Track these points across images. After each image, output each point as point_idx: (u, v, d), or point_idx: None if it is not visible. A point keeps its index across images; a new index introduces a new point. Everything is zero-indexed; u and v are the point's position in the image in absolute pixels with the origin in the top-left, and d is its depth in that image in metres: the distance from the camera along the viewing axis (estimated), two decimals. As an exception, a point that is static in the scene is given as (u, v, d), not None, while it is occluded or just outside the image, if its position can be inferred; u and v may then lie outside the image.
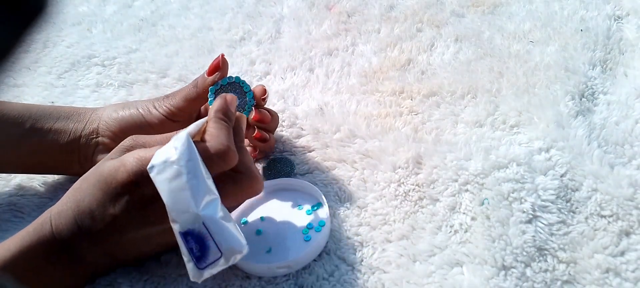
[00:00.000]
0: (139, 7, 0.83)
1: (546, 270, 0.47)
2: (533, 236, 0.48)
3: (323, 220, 0.50)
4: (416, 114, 0.61)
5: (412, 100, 0.63)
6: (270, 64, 0.71)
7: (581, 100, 0.61)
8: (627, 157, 0.55)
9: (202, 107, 0.56)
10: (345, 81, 0.67)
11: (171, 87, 0.68)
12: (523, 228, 0.49)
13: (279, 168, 0.56)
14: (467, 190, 0.53)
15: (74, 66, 0.73)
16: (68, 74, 0.72)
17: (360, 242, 0.50)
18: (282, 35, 0.75)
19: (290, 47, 0.73)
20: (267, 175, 0.56)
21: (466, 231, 0.50)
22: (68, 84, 0.71)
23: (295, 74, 0.69)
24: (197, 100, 0.53)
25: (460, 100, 0.62)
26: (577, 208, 0.51)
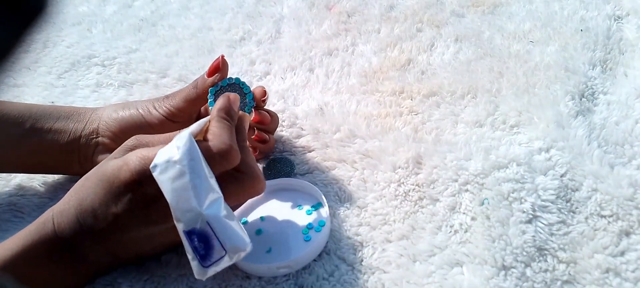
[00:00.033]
0: (139, 7, 0.83)
1: (546, 270, 0.47)
2: (533, 236, 0.48)
3: (323, 220, 0.50)
4: (416, 114, 0.61)
5: (412, 100, 0.63)
6: (270, 64, 0.71)
7: (581, 100, 0.61)
8: (627, 157, 0.55)
9: (202, 108, 0.56)
10: (345, 81, 0.67)
11: (171, 87, 0.68)
12: (523, 228, 0.49)
13: (279, 169, 0.56)
14: (467, 190, 0.53)
15: (74, 66, 0.73)
16: (68, 74, 0.72)
17: (360, 242, 0.50)
18: (282, 35, 0.75)
19: (290, 47, 0.73)
20: (267, 175, 0.56)
21: (466, 231, 0.50)
22: (68, 84, 0.71)
23: (295, 74, 0.69)
24: (197, 101, 0.53)
25: (460, 100, 0.62)
26: (577, 208, 0.51)
